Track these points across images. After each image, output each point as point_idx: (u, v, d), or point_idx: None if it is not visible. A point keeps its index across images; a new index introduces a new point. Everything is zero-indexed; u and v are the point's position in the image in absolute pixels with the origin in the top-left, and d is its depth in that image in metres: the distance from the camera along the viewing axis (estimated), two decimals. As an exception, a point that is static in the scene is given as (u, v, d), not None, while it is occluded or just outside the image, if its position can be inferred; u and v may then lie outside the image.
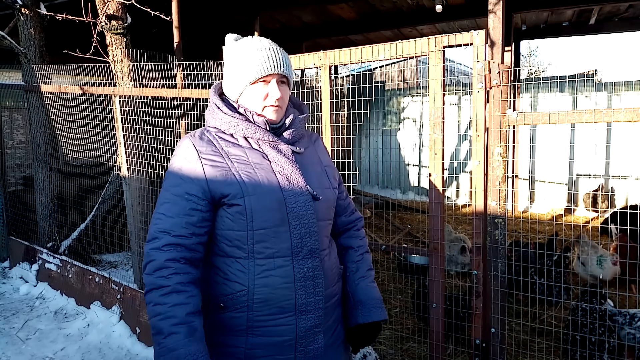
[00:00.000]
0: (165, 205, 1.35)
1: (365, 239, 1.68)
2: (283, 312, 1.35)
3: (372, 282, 1.59)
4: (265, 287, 1.34)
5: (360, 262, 1.60)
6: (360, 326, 1.54)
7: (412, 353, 3.21)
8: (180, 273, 1.29)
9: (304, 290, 1.37)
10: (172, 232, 1.32)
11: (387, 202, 7.91)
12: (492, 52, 2.60)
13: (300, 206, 1.37)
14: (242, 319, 1.35)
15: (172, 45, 4.10)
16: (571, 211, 7.27)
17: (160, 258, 1.30)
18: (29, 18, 4.53)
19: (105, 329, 3.60)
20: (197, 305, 1.30)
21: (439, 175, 2.30)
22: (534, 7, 6.20)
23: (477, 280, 2.27)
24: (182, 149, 1.39)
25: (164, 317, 1.25)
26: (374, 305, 1.54)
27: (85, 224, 4.72)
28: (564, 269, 3.86)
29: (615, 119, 1.89)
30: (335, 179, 1.56)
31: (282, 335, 1.36)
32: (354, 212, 1.67)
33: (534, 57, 21.72)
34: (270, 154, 1.39)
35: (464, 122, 8.63)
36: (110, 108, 3.97)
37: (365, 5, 6.54)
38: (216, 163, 1.35)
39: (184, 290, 1.28)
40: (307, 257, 1.38)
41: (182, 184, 1.35)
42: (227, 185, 1.33)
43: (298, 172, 1.39)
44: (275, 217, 1.34)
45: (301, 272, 1.36)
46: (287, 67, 1.43)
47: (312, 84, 9.99)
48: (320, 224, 1.42)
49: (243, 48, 1.42)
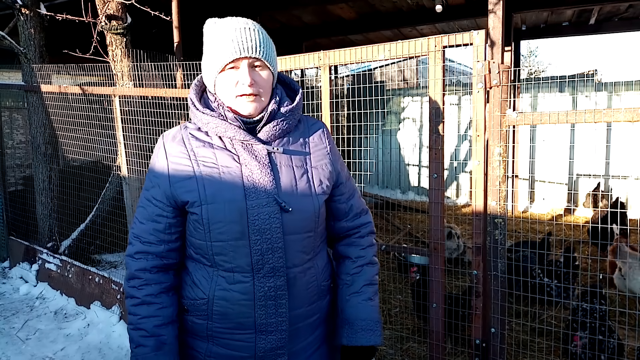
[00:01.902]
0: (139, 209, 1.30)
1: (370, 248, 1.45)
2: (242, 329, 1.26)
3: (367, 300, 1.39)
4: (223, 300, 1.25)
5: (357, 275, 1.40)
6: (346, 348, 1.37)
7: (412, 353, 3.21)
8: (150, 284, 1.26)
9: (264, 310, 1.24)
10: (141, 238, 1.28)
11: (387, 202, 7.91)
12: (492, 52, 2.59)
13: (263, 219, 1.21)
14: (203, 326, 1.29)
15: (172, 45, 4.10)
16: (571, 211, 7.27)
17: (132, 267, 1.27)
18: (29, 18, 4.53)
19: (105, 329, 3.60)
20: (168, 317, 1.27)
21: (439, 175, 2.30)
22: (534, 7, 6.20)
23: (477, 280, 2.27)
24: (156, 148, 1.32)
25: (135, 328, 1.26)
26: (362, 327, 1.35)
27: (85, 224, 4.72)
28: (572, 269, 3.84)
29: (615, 119, 1.89)
30: (326, 180, 1.33)
31: (240, 351, 1.27)
32: (358, 216, 1.44)
33: (534, 57, 21.72)
34: (242, 156, 1.23)
35: (464, 122, 8.63)
36: (110, 108, 3.98)
37: (365, 5, 6.54)
38: (181, 166, 1.25)
39: (154, 302, 1.26)
40: (269, 275, 1.23)
41: (151, 188, 1.29)
42: (187, 192, 1.23)
43: (269, 179, 1.22)
44: (233, 229, 1.21)
45: (261, 291, 1.23)
46: (263, 48, 1.22)
47: (312, 84, 10.00)
48: (291, 237, 1.25)
49: (213, 32, 1.26)
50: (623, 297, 3.86)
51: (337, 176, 1.39)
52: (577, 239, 5.60)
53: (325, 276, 1.39)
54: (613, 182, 7.39)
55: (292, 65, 2.71)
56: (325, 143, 1.38)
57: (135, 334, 1.26)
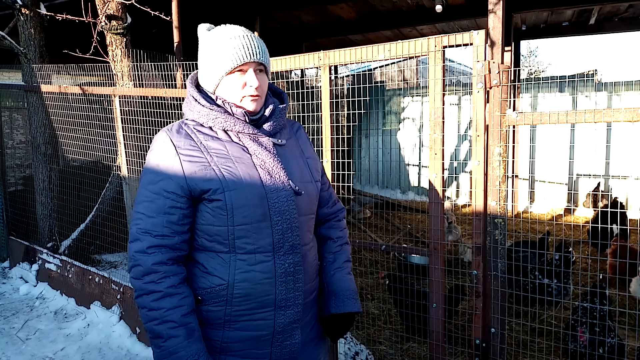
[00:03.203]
0: (144, 204, 1.31)
1: (345, 230, 1.65)
2: (262, 307, 1.34)
3: (348, 274, 1.57)
4: (245, 282, 1.32)
5: (339, 253, 1.58)
6: (333, 316, 1.52)
7: (412, 353, 3.21)
8: (169, 276, 1.28)
9: (284, 286, 1.35)
10: (153, 232, 1.28)
11: (387, 202, 7.91)
12: (492, 52, 2.60)
13: (282, 201, 1.33)
14: (220, 312, 1.33)
15: (172, 45, 4.10)
16: (571, 211, 7.27)
17: (147, 262, 1.27)
18: (29, 18, 4.53)
19: (105, 329, 3.60)
20: (191, 305, 1.30)
21: (439, 175, 2.30)
22: (534, 7, 6.20)
23: (477, 280, 2.27)
24: (158, 144, 1.34)
25: (161, 322, 1.26)
26: (348, 296, 1.52)
27: (85, 224, 4.72)
28: (565, 266, 3.85)
29: (615, 119, 1.89)
30: (317, 171, 1.51)
31: (259, 330, 1.35)
32: (335, 203, 1.64)
33: (534, 57, 21.73)
34: (250, 147, 1.34)
35: (464, 122, 8.63)
36: (110, 108, 3.98)
37: (365, 5, 6.54)
38: (195, 158, 1.30)
39: (177, 293, 1.28)
40: (288, 253, 1.35)
41: (160, 181, 1.30)
42: (206, 181, 1.29)
43: (280, 166, 1.35)
44: (256, 212, 1.31)
45: (282, 268, 1.34)
46: (264, 55, 1.36)
47: (312, 84, 10.00)
48: (302, 218, 1.39)
49: (217, 37, 1.35)
50: (623, 297, 3.86)
51: (321, 168, 1.58)
52: (577, 239, 5.60)
53: (318, 256, 1.56)
54: (613, 182, 7.39)
55: (292, 65, 2.71)
56: (308, 139, 1.57)
57: (162, 327, 1.26)
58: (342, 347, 2.93)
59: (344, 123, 8.35)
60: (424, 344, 3.18)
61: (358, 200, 7.93)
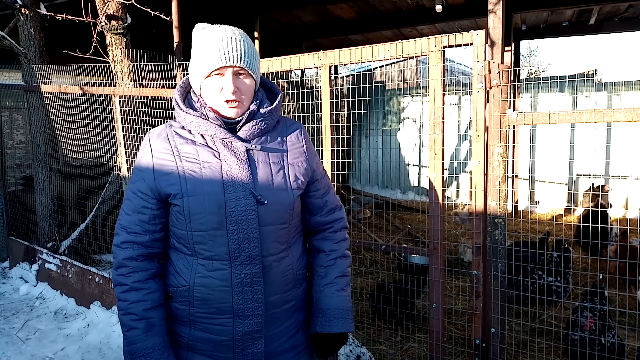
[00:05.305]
0: (125, 202, 1.40)
1: (343, 242, 1.54)
2: (221, 314, 1.35)
3: (340, 290, 1.48)
4: (203, 286, 1.34)
5: (331, 267, 1.49)
6: (319, 335, 1.47)
7: (412, 353, 3.21)
8: (138, 271, 1.35)
9: (241, 296, 1.33)
10: (128, 228, 1.37)
11: (387, 202, 7.91)
12: (492, 52, 2.59)
13: (240, 211, 1.30)
14: (185, 311, 1.38)
15: (172, 45, 4.10)
16: (571, 211, 7.27)
17: (119, 256, 1.37)
18: (29, 18, 4.53)
19: (105, 329, 3.60)
20: (155, 301, 1.36)
21: (439, 175, 2.30)
22: (534, 7, 6.20)
23: (477, 280, 2.27)
24: (142, 145, 1.42)
25: (125, 313, 1.34)
26: (336, 315, 1.45)
27: (85, 224, 4.72)
28: (566, 268, 3.85)
29: (615, 119, 1.89)
30: (302, 176, 1.43)
31: (220, 335, 1.37)
32: (332, 212, 1.54)
33: (534, 57, 21.72)
34: (222, 153, 1.33)
35: (464, 122, 8.63)
36: (110, 108, 3.98)
37: (365, 5, 6.54)
38: (165, 162, 1.35)
39: (142, 288, 1.34)
40: (245, 263, 1.32)
41: (137, 181, 1.38)
42: (170, 185, 1.33)
43: (246, 173, 1.32)
44: (212, 220, 1.30)
45: (238, 278, 1.32)
46: (247, 58, 1.32)
47: (312, 84, 10.00)
48: (267, 228, 1.34)
49: (201, 39, 1.35)
50: (623, 297, 3.86)
51: (313, 173, 1.49)
52: (577, 239, 5.59)
53: (301, 265, 1.49)
54: (613, 182, 7.39)
55: (292, 65, 2.71)
56: (302, 142, 1.48)
57: (126, 318, 1.34)
58: (343, 349, 2.91)
59: (344, 123, 8.35)
60: (424, 343, 3.18)
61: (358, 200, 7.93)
